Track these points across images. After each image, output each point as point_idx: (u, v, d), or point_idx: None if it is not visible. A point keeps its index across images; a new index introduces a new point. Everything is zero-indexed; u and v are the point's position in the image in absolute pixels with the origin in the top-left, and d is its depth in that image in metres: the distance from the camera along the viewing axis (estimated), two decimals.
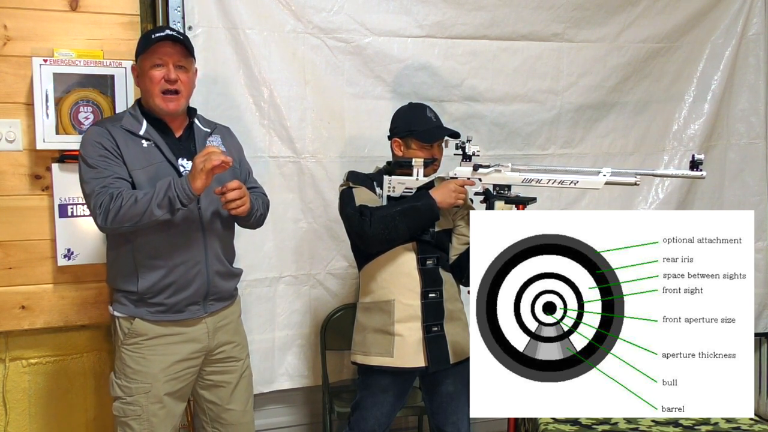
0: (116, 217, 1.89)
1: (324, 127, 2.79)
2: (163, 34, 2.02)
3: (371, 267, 2.28)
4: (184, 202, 1.89)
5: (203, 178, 1.88)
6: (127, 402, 2.04)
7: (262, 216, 2.23)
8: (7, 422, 2.50)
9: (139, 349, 2.04)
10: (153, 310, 2.04)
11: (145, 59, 2.03)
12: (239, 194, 2.00)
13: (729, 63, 3.19)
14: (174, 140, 2.09)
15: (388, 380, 2.29)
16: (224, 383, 2.19)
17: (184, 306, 2.06)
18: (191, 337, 2.09)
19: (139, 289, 2.01)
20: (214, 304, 2.12)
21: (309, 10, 2.72)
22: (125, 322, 2.05)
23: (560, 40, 3.03)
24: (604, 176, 2.15)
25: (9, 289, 2.43)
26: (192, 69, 2.11)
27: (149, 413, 2.04)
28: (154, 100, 2.03)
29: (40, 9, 2.40)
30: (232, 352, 2.19)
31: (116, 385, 2.07)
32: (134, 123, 2.05)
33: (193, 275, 2.05)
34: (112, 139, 2.00)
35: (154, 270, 2.01)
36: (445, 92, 2.91)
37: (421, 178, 2.23)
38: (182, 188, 1.88)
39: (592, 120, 3.11)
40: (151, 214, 1.88)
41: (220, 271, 2.12)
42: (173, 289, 2.03)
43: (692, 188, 3.20)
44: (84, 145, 2.01)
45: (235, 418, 2.22)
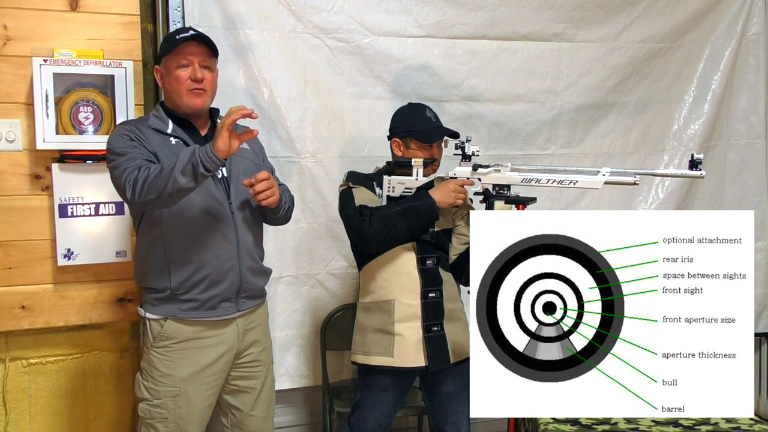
0: (143, 188, 1.85)
1: (324, 127, 2.79)
2: (188, 35, 2.04)
3: (371, 267, 2.28)
4: (207, 166, 1.82)
5: (225, 136, 1.82)
6: (154, 404, 2.04)
7: (290, 209, 2.25)
8: (7, 422, 2.50)
9: (169, 352, 2.04)
10: (185, 308, 2.03)
11: (170, 60, 2.04)
12: (268, 185, 2.01)
13: (729, 63, 3.19)
14: (200, 138, 2.10)
15: (388, 380, 2.29)
16: (249, 389, 2.19)
17: (217, 303, 2.05)
18: (221, 340, 2.08)
19: (171, 285, 2.01)
20: (245, 302, 2.12)
21: (309, 10, 2.72)
22: (156, 324, 2.04)
23: (560, 40, 3.03)
24: (603, 176, 2.15)
25: (9, 289, 2.43)
26: (215, 69, 2.12)
27: (176, 416, 2.04)
28: (182, 98, 2.04)
29: (40, 9, 2.39)
30: (258, 355, 2.19)
31: (143, 387, 2.06)
32: (160, 123, 2.06)
33: (226, 270, 2.04)
34: (140, 133, 2.01)
35: (187, 265, 2.01)
36: (445, 92, 2.91)
37: (420, 178, 2.23)
38: (205, 152, 1.83)
39: (592, 120, 3.11)
40: (175, 181, 1.82)
41: (252, 267, 2.12)
42: (206, 284, 2.02)
43: (692, 188, 3.20)
44: (111, 141, 2.01)
45: (256, 424, 2.22)
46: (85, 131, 2.42)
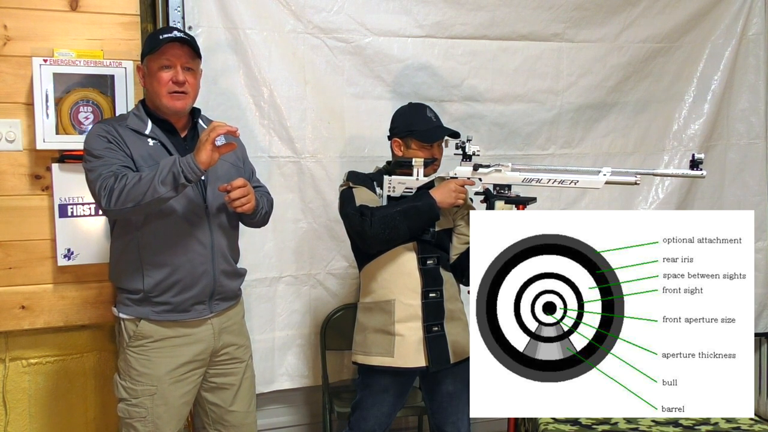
0: (120, 196, 1.84)
1: (324, 127, 2.79)
2: (171, 36, 2.01)
3: (371, 267, 2.28)
4: (188, 176, 1.84)
5: (208, 149, 1.84)
6: (132, 404, 2.04)
7: (267, 214, 2.23)
8: (7, 422, 2.50)
9: (145, 351, 2.04)
10: (158, 310, 2.03)
11: (152, 60, 2.02)
12: (244, 192, 2.00)
13: (729, 63, 3.19)
14: (179, 140, 2.09)
15: (388, 380, 2.29)
16: (227, 385, 2.19)
17: (189, 305, 2.05)
18: (197, 339, 2.08)
19: (144, 288, 2.01)
20: (219, 304, 2.12)
21: (309, 10, 2.72)
22: (130, 324, 2.04)
23: (560, 40, 3.03)
24: (604, 176, 2.15)
25: (9, 289, 2.43)
26: (198, 70, 2.11)
27: (154, 415, 2.04)
28: (162, 100, 2.02)
29: (40, 9, 2.39)
30: (235, 353, 2.19)
31: (121, 387, 2.06)
32: (139, 123, 2.04)
33: (200, 274, 2.04)
34: (118, 134, 1.99)
35: (160, 268, 2.00)
36: (445, 92, 2.91)
37: (421, 178, 2.23)
38: (187, 163, 1.84)
39: (592, 120, 3.11)
40: (155, 190, 1.82)
41: (226, 270, 2.11)
42: (179, 287, 2.02)
43: (692, 188, 3.20)
44: (88, 141, 2.00)
45: (238, 419, 2.22)
46: (85, 131, 2.40)
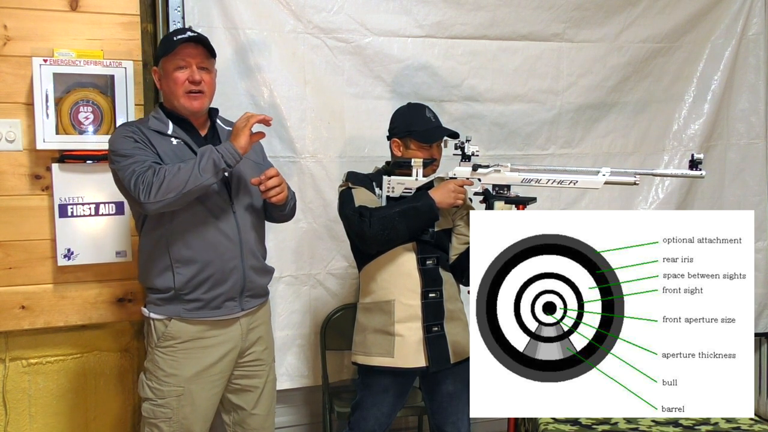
0: (161, 188, 1.87)
1: (324, 127, 2.79)
2: (186, 36, 2.03)
3: (371, 267, 2.28)
4: (228, 161, 1.93)
5: (247, 134, 1.96)
6: (158, 404, 2.05)
7: (294, 206, 2.28)
8: (7, 422, 2.50)
9: (173, 352, 2.04)
10: (190, 307, 2.03)
11: (167, 61, 2.04)
12: (278, 181, 2.05)
13: (729, 63, 3.19)
14: (200, 138, 2.10)
15: (388, 380, 2.29)
16: (252, 387, 2.19)
17: (221, 302, 2.05)
18: (225, 339, 2.09)
19: (175, 285, 2.01)
20: (249, 301, 2.12)
21: (309, 10, 2.72)
22: (160, 324, 2.05)
23: (560, 40, 3.03)
24: (603, 176, 2.15)
25: (9, 289, 2.43)
26: (213, 70, 2.13)
27: (180, 416, 2.04)
28: (179, 100, 2.04)
29: (40, 9, 2.39)
30: (261, 354, 2.20)
31: (147, 387, 2.06)
32: (160, 124, 2.06)
33: (230, 269, 2.05)
34: (143, 134, 2.01)
35: (190, 265, 2.01)
36: (445, 92, 2.91)
37: (420, 179, 2.23)
38: (226, 149, 1.93)
39: (592, 120, 3.11)
40: (197, 178, 1.88)
41: (255, 266, 2.12)
42: (210, 283, 2.03)
43: (692, 188, 3.20)
44: (114, 142, 2.00)
45: (258, 423, 2.22)
46: (85, 131, 2.42)
